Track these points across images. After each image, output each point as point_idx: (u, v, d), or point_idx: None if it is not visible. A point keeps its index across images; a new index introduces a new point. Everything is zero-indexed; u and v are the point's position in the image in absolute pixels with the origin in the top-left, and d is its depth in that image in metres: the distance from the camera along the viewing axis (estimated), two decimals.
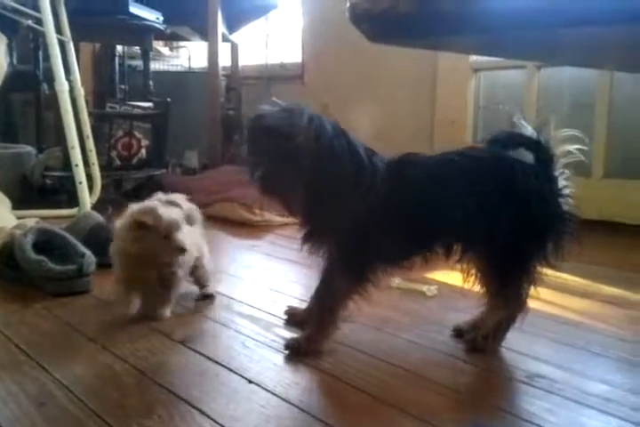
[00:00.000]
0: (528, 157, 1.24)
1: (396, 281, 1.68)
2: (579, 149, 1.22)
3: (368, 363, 1.22)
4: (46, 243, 1.68)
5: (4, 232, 1.78)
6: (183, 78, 3.95)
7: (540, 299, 1.34)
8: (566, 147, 1.22)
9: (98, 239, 1.76)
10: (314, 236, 1.25)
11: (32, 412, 1.02)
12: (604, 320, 1.47)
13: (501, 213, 1.19)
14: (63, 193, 2.71)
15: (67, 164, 2.49)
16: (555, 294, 1.62)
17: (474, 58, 2.80)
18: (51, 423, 0.99)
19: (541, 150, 1.22)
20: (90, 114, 2.73)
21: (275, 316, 1.48)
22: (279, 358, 1.25)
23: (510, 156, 1.23)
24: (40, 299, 1.55)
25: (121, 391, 1.09)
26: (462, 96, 2.83)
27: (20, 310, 1.49)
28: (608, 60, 1.37)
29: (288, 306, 1.49)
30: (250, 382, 1.14)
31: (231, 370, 1.18)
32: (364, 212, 1.18)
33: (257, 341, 1.33)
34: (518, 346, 1.30)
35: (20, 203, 2.29)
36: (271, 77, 3.77)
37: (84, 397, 1.06)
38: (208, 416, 1.01)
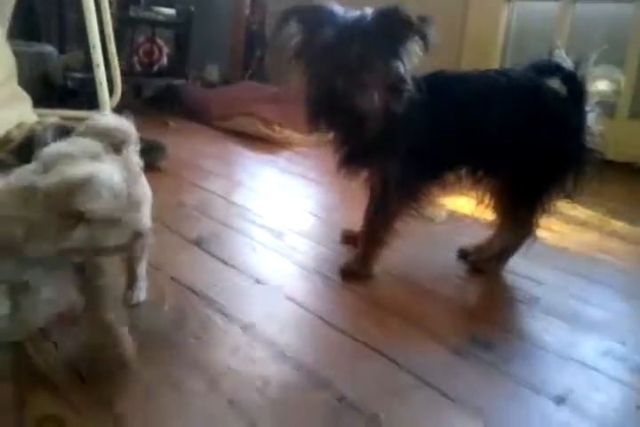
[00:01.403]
0: (561, 88, 1.22)
1: None
2: (613, 90, 1.20)
3: (377, 276, 1.26)
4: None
5: (24, 127, 1.79)
6: None
7: (550, 229, 1.36)
8: (600, 85, 1.21)
9: None
10: (358, 156, 1.20)
11: None
12: (608, 252, 1.50)
13: (531, 137, 1.18)
14: (83, 95, 2.70)
15: (88, 66, 2.46)
16: (564, 225, 1.64)
17: None
18: None
19: (576, 84, 1.19)
20: (113, 16, 2.66)
21: (285, 226, 1.51)
22: (286, 264, 1.29)
23: (546, 83, 1.21)
24: None
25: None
26: (493, 27, 2.73)
27: None
28: None
29: (343, 228, 1.46)
30: (258, 282, 1.18)
31: (240, 270, 1.23)
32: (413, 129, 1.14)
33: (267, 247, 1.37)
34: (521, 270, 1.33)
35: (40, 102, 2.28)
36: None
37: None
38: (215, 308, 1.06)
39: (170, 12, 3.09)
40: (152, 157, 1.88)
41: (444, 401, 0.85)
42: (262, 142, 2.43)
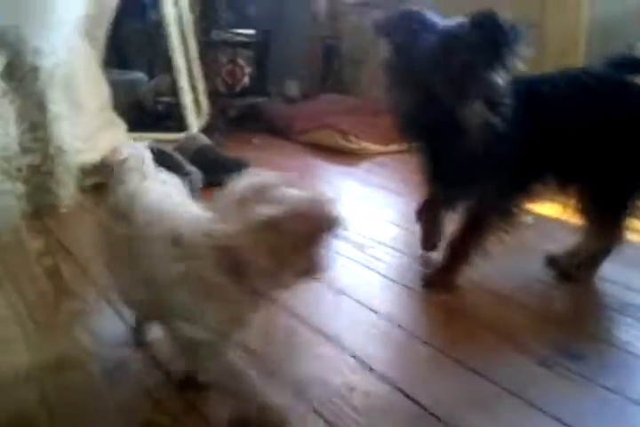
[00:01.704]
0: None
1: None
2: None
3: (460, 286, 1.25)
4: (158, 161, 1.79)
5: None
6: (283, 5, 3.92)
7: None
8: None
9: (205, 160, 1.87)
10: (450, 173, 1.16)
11: None
12: None
13: (618, 141, 1.15)
14: (173, 118, 2.84)
15: (176, 90, 2.60)
16: None
17: None
18: None
19: None
20: (197, 40, 2.80)
21: (367, 237, 1.53)
22: (368, 274, 1.31)
23: (632, 80, 1.16)
24: None
25: None
26: (576, 21, 2.63)
27: None
28: None
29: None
30: (340, 293, 1.21)
31: (323, 282, 1.25)
32: (509, 143, 1.09)
33: (349, 258, 1.40)
34: (612, 276, 1.28)
35: (133, 126, 2.44)
36: (374, 5, 3.66)
37: None
38: (300, 319, 1.09)
39: (249, 32, 3.21)
40: (236, 173, 1.96)
41: (530, 411, 0.84)
42: (341, 154, 2.47)
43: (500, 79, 1.05)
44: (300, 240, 0.72)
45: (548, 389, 0.90)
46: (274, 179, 0.76)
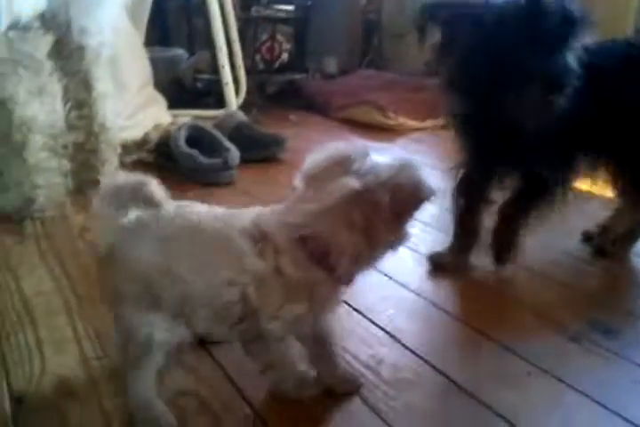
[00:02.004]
0: None
1: None
2: None
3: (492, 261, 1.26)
4: (197, 138, 1.84)
5: (160, 128, 1.97)
6: None
7: None
8: None
9: (241, 136, 1.90)
10: (502, 154, 1.15)
11: None
12: None
13: None
14: (212, 95, 2.88)
15: (215, 67, 2.63)
16: None
17: None
18: None
19: None
20: (236, 17, 2.81)
21: None
22: (401, 249, 1.32)
23: None
24: (193, 188, 1.73)
25: None
26: None
27: (175, 196, 1.67)
28: None
29: None
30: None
31: None
32: (567, 120, 1.05)
33: None
34: None
35: (174, 103, 2.48)
36: None
37: None
38: None
39: (289, 8, 3.20)
40: (272, 149, 1.99)
41: (560, 388, 0.85)
42: (378, 130, 2.46)
43: (570, 64, 1.00)
44: (389, 212, 0.67)
45: (580, 365, 0.91)
46: (357, 149, 0.71)
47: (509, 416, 0.79)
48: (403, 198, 0.68)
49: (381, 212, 0.67)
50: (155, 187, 0.75)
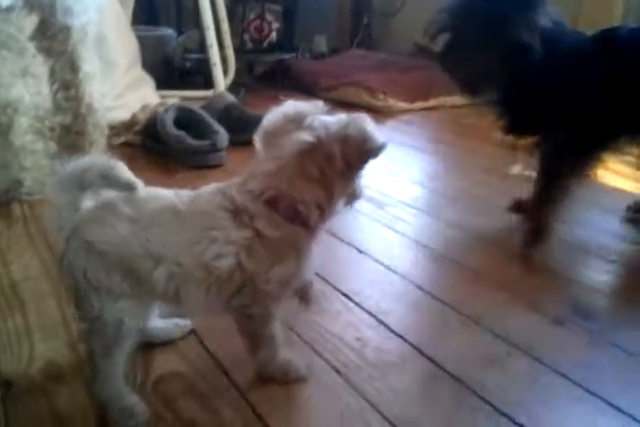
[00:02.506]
0: None
1: (515, 169, 1.66)
2: None
3: (479, 248, 1.28)
4: (185, 120, 1.83)
5: (148, 109, 1.96)
6: None
7: None
8: None
9: (230, 118, 1.89)
10: (528, 121, 1.22)
11: None
12: None
13: None
14: (201, 75, 2.85)
15: (204, 46, 2.60)
16: None
17: None
18: None
19: None
20: None
21: (388, 196, 1.55)
22: (388, 233, 1.34)
23: None
24: (180, 170, 1.73)
25: None
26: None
27: (163, 179, 1.68)
28: None
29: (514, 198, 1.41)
30: (360, 251, 1.24)
31: (343, 240, 1.29)
32: (579, 92, 1.15)
33: (369, 217, 1.42)
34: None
35: (162, 83, 2.46)
36: None
37: None
38: (319, 276, 1.13)
39: None
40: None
41: (541, 368, 0.87)
42: (367, 111, 2.44)
43: (524, 33, 1.13)
44: (341, 163, 0.71)
45: (560, 347, 0.93)
46: (309, 105, 0.75)
47: (492, 399, 0.81)
48: (353, 149, 0.71)
49: (334, 163, 0.71)
50: (125, 169, 0.73)
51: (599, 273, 1.16)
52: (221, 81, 2.46)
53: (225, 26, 2.73)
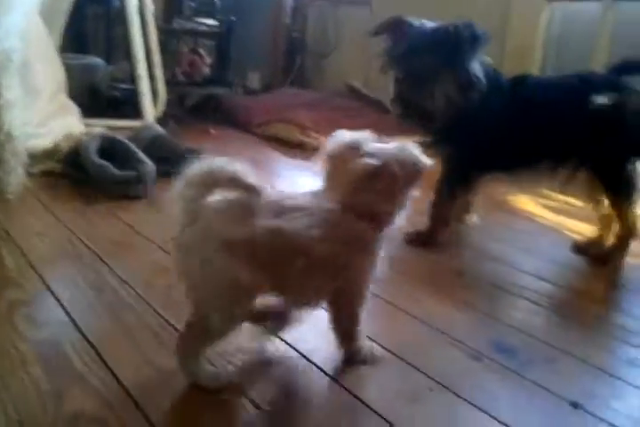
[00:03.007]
0: None
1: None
2: None
3: (394, 281, 1.29)
4: (110, 150, 1.78)
5: (72, 137, 1.90)
6: None
7: None
8: None
9: (157, 150, 1.86)
10: (436, 141, 1.43)
11: (90, 295, 1.15)
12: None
13: (608, 133, 1.31)
14: (130, 105, 2.81)
15: (134, 77, 2.57)
16: None
17: None
18: (105, 306, 1.11)
19: None
20: (157, 28, 2.77)
21: None
22: None
23: (625, 83, 1.32)
24: (103, 200, 1.67)
25: (170, 285, 1.20)
26: (534, 29, 2.70)
27: (84, 208, 1.62)
28: None
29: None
30: None
31: None
32: (482, 124, 1.34)
33: None
34: (534, 270, 1.33)
35: (88, 112, 2.40)
36: (338, 0, 3.67)
37: (138, 287, 1.18)
38: None
39: (211, 22, 3.19)
40: (189, 162, 1.96)
41: (460, 403, 0.88)
42: (299, 149, 2.48)
43: (469, 72, 1.33)
44: (402, 182, 0.88)
45: (479, 382, 0.94)
46: (361, 135, 0.91)
47: None
48: (409, 170, 0.88)
49: (397, 181, 0.87)
50: (251, 175, 0.81)
51: (519, 312, 1.20)
52: (150, 111, 2.43)
53: (156, 58, 2.72)
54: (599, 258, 1.42)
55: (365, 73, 3.42)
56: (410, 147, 0.90)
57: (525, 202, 1.77)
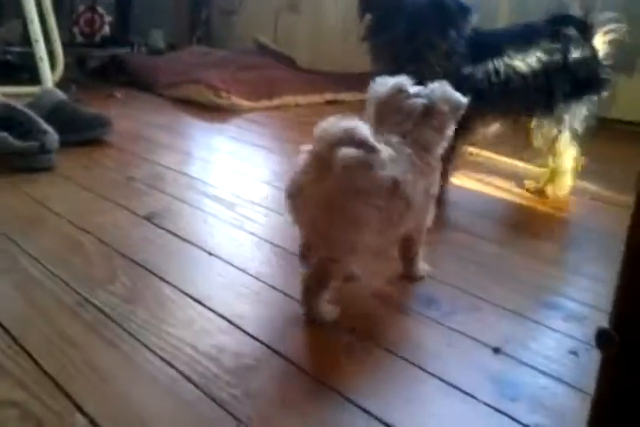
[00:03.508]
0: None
1: None
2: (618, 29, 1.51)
3: None
4: (8, 119, 1.65)
5: None
6: None
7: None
8: (607, 27, 1.51)
9: (60, 117, 1.75)
10: None
11: None
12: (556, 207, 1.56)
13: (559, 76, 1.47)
14: (26, 70, 2.61)
15: (28, 39, 2.38)
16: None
17: None
18: (17, 288, 1.05)
19: (587, 30, 1.50)
20: None
21: (237, 196, 1.53)
22: (238, 234, 1.31)
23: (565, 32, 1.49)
24: (5, 174, 1.57)
25: (86, 261, 1.15)
26: None
27: None
28: None
29: None
30: (210, 254, 1.21)
31: (193, 244, 1.25)
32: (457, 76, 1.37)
33: (219, 218, 1.39)
34: (464, 225, 1.38)
35: None
36: None
37: (51, 265, 1.12)
38: (169, 283, 1.08)
39: None
40: (97, 131, 1.86)
41: (388, 357, 0.90)
42: (211, 110, 2.41)
43: (452, 35, 1.40)
44: (449, 117, 1.03)
45: (405, 334, 0.97)
46: (404, 80, 1.04)
47: (347, 392, 0.82)
48: (452, 106, 1.02)
49: (444, 117, 1.02)
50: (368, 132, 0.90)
51: (445, 264, 1.23)
52: (49, 76, 2.26)
53: (51, 18, 2.53)
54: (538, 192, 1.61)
55: (274, 28, 3.34)
56: (447, 87, 1.03)
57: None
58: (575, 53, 1.48)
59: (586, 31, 1.50)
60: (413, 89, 1.03)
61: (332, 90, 2.65)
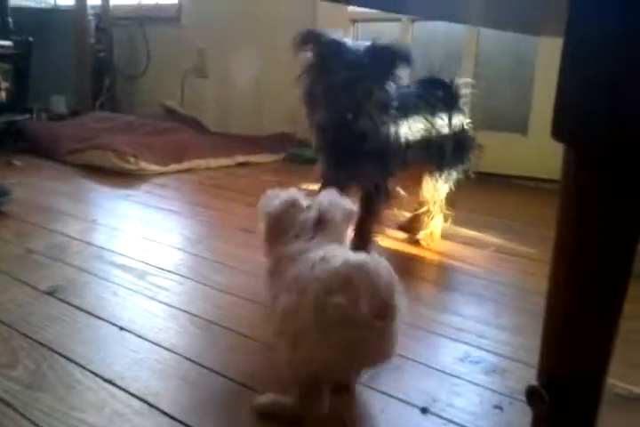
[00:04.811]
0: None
1: None
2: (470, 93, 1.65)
3: (240, 307, 1.26)
4: None
5: None
6: (48, 16, 3.64)
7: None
8: (463, 90, 1.64)
9: None
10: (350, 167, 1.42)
11: None
12: (461, 260, 1.60)
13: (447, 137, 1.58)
14: None
15: None
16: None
17: (352, 8, 2.81)
18: None
19: (450, 91, 1.61)
20: None
21: (148, 264, 1.47)
22: (151, 305, 1.25)
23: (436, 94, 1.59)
24: None
25: None
26: None
27: None
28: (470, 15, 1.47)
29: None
30: (121, 329, 1.14)
31: (102, 319, 1.18)
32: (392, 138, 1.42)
33: (129, 289, 1.33)
34: None
35: None
36: (145, 18, 3.56)
37: None
38: (77, 363, 1.01)
39: (6, 43, 2.92)
40: None
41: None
42: (118, 176, 2.35)
43: (391, 90, 1.38)
44: (343, 224, 1.01)
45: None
46: (294, 192, 1.03)
47: None
48: (343, 213, 1.01)
49: (338, 225, 0.99)
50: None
51: None
52: None
53: None
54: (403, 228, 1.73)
55: (180, 92, 3.35)
56: (336, 196, 1.02)
57: None
58: (455, 117, 1.59)
59: (454, 95, 1.61)
60: (306, 202, 1.01)
61: (242, 152, 2.67)
